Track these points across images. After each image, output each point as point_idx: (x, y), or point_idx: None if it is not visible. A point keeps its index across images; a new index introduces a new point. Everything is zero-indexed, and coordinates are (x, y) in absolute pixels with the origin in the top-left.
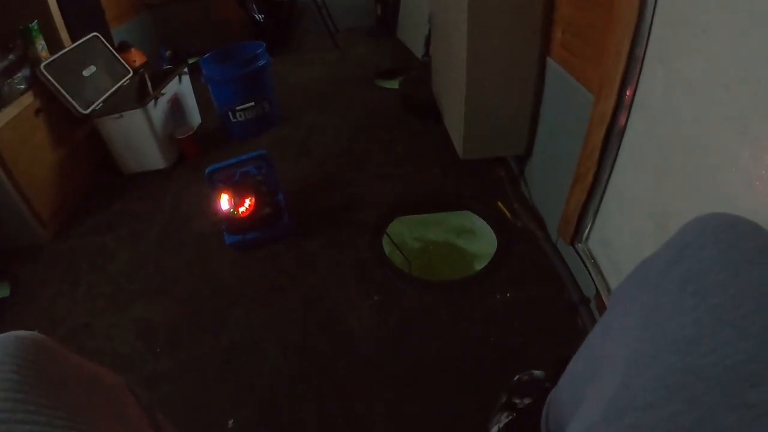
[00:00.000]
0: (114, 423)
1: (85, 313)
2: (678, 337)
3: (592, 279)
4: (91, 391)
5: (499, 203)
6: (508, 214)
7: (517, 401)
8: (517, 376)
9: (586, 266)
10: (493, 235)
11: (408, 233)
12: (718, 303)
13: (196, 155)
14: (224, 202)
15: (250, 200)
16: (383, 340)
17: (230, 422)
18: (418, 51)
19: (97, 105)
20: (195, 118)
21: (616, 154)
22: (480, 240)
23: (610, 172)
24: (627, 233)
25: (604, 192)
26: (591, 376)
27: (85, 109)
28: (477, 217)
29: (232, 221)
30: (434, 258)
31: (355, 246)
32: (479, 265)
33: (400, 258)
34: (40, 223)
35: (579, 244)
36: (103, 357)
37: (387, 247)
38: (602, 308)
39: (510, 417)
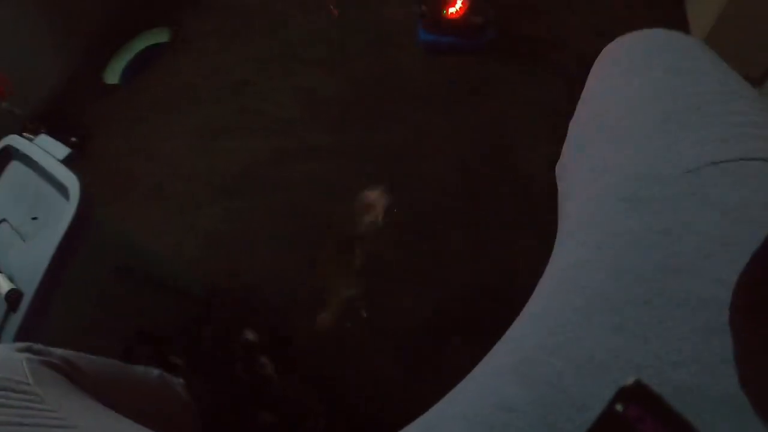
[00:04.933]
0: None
1: (248, 71)
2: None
3: None
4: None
5: None
6: None
7: None
8: None
9: None
10: None
11: None
12: None
13: None
14: None
15: (462, 2)
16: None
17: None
18: None
19: None
20: None
21: None
22: None
23: None
24: None
25: None
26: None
27: None
28: None
29: (434, 18)
30: None
31: (555, 87)
32: None
33: None
34: None
35: None
36: (264, 117)
37: None
38: None
39: None
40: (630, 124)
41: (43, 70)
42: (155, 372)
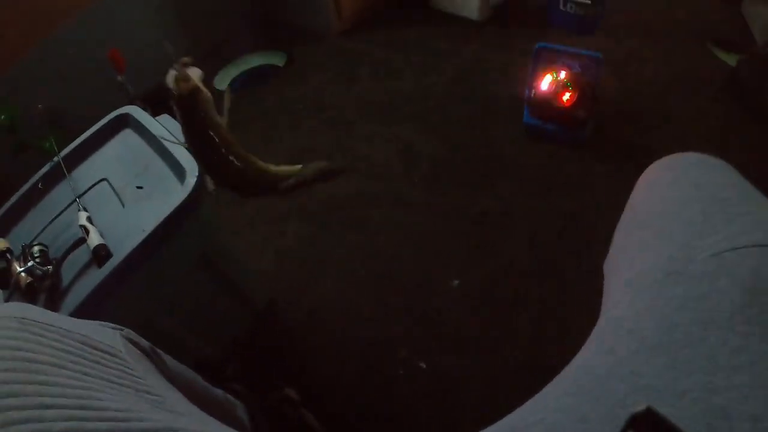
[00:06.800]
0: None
1: (351, 111)
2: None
3: None
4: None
5: None
6: None
7: None
8: None
9: None
10: None
11: None
12: None
13: (513, 21)
14: (545, 83)
15: (571, 95)
16: None
17: (455, 282)
18: (760, 32)
19: None
20: None
21: None
22: None
23: None
24: None
25: None
26: None
27: None
28: None
29: (541, 104)
30: None
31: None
32: None
33: None
34: (337, 13)
35: None
36: (357, 157)
37: None
38: None
39: None
40: (671, 221)
41: (158, 59)
42: (219, 391)
